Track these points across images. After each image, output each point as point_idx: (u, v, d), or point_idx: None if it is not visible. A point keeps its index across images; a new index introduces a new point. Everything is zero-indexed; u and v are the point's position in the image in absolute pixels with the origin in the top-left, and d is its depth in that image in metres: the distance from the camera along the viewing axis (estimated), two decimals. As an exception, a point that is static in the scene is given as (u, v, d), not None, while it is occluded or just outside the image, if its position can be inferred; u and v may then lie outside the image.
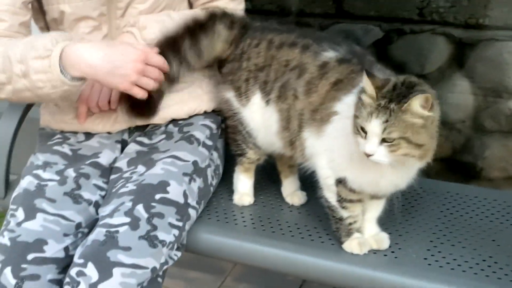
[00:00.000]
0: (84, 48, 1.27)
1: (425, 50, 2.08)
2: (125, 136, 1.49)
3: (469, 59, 2.01)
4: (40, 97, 1.31)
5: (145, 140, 1.46)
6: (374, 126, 1.04)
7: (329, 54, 1.25)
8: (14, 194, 1.36)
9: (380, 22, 2.10)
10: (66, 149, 1.44)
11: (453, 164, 2.07)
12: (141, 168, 1.36)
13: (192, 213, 1.35)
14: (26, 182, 1.36)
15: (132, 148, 1.45)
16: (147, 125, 1.47)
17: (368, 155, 1.06)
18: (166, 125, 1.48)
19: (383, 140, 1.05)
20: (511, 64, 1.95)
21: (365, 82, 1.07)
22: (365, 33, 2.15)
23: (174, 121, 1.48)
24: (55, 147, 1.45)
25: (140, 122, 1.45)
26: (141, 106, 1.36)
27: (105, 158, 1.44)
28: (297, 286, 2.02)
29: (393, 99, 1.04)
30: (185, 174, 1.35)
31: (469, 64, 2.01)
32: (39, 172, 1.38)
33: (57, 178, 1.36)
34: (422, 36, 2.06)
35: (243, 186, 1.47)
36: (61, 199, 1.32)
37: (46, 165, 1.39)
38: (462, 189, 1.49)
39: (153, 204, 1.27)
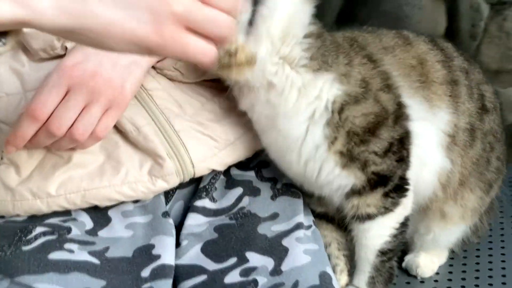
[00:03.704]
0: None
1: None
2: (162, 199, 0.84)
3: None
4: None
5: (206, 203, 0.84)
6: None
7: None
8: None
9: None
10: (81, 254, 0.73)
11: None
12: (260, 259, 0.77)
13: None
14: None
15: (194, 221, 0.82)
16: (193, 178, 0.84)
17: None
18: (226, 171, 0.88)
19: None
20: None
21: None
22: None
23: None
24: (55, 255, 0.72)
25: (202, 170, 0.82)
26: None
27: (168, 253, 0.77)
28: None
29: None
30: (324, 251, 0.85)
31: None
32: None
33: None
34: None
35: None
36: None
37: None
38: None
39: None
